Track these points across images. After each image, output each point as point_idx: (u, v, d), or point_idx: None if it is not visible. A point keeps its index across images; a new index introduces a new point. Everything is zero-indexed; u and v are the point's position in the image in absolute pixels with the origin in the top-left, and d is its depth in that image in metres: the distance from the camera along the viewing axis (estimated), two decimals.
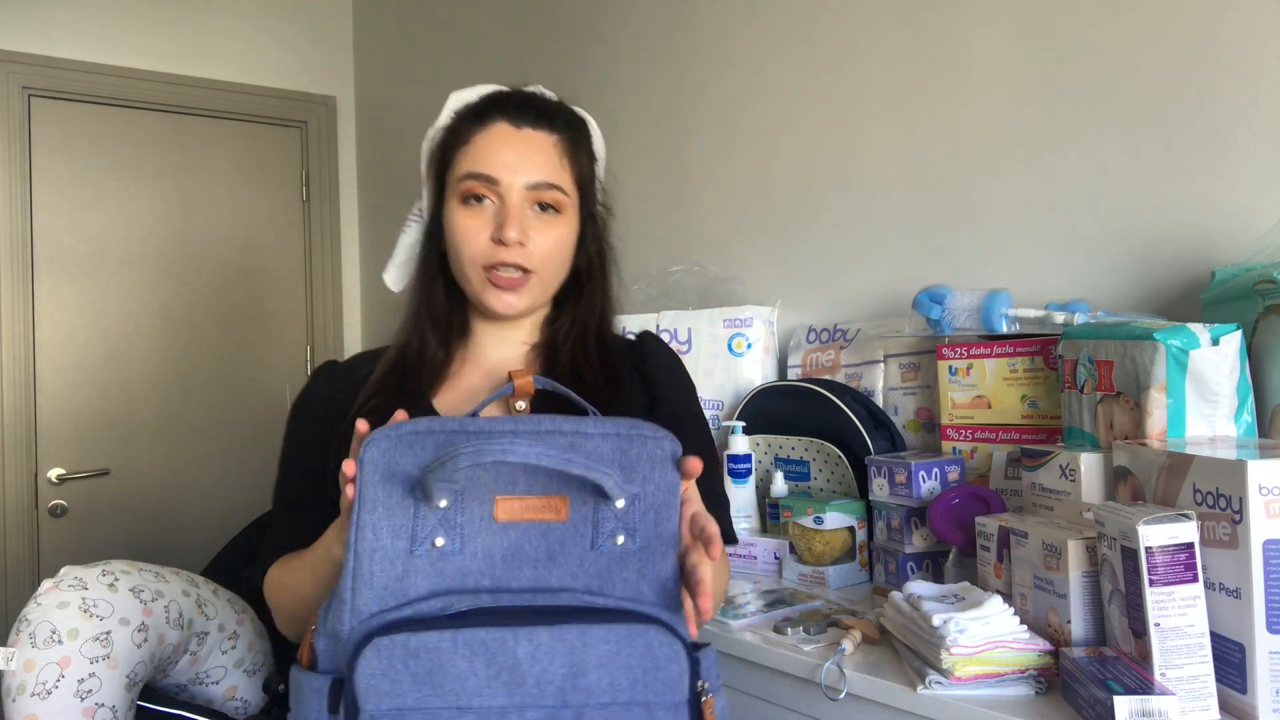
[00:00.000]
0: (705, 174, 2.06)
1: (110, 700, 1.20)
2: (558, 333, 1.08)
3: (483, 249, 0.99)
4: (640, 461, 0.73)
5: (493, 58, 2.63)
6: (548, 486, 0.72)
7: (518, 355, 1.08)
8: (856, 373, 1.67)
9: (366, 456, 0.70)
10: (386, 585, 0.69)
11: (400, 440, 0.71)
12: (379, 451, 0.70)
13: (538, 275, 1.01)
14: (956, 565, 1.23)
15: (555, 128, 1.02)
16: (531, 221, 0.99)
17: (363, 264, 3.22)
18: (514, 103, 1.03)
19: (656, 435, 0.74)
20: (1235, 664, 0.84)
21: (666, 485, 0.73)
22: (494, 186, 0.99)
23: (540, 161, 1.00)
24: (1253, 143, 1.26)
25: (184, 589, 1.36)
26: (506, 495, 0.71)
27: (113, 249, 2.73)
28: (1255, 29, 1.26)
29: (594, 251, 1.08)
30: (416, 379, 1.03)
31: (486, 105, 1.03)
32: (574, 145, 1.04)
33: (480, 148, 1.00)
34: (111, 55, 2.72)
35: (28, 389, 2.58)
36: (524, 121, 1.01)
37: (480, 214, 0.99)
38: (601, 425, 0.73)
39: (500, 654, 0.66)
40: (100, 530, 2.67)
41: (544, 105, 1.04)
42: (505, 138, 1.00)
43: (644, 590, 0.72)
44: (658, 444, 0.73)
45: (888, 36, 1.70)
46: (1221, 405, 1.03)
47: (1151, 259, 1.37)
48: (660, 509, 0.73)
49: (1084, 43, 1.43)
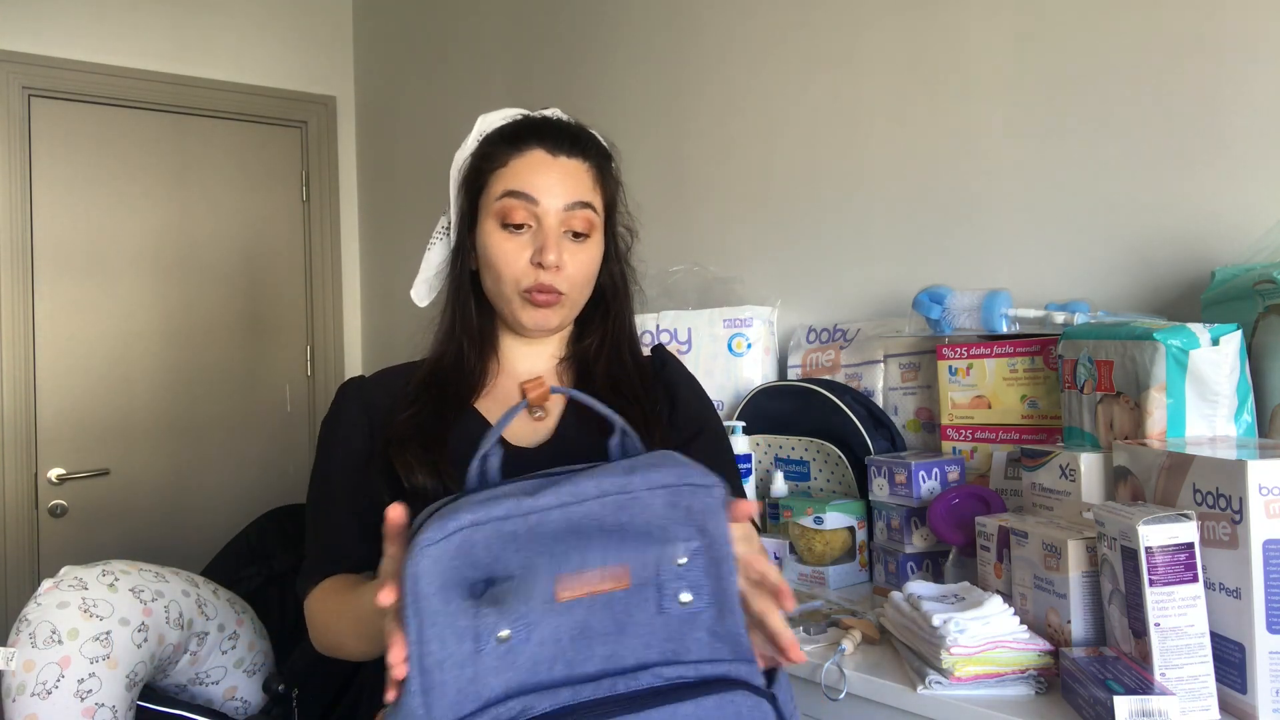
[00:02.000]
0: (705, 174, 2.06)
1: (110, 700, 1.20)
2: (588, 350, 1.12)
3: (523, 271, 1.02)
4: (695, 512, 0.70)
5: (493, 58, 2.63)
6: (605, 555, 0.69)
7: (548, 368, 1.11)
8: (856, 373, 1.67)
9: (420, 570, 0.65)
10: (460, 690, 0.66)
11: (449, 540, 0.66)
12: (430, 561, 0.65)
13: (568, 296, 1.05)
14: (956, 565, 1.23)
15: (588, 155, 1.06)
16: (567, 245, 1.03)
17: (363, 264, 3.22)
18: (549, 130, 1.06)
19: (706, 482, 0.70)
20: (1235, 664, 0.84)
21: (724, 534, 0.70)
22: (533, 207, 1.02)
23: (575, 186, 1.04)
24: (1253, 143, 1.26)
25: (184, 589, 1.36)
26: (566, 573, 0.68)
27: (113, 249, 2.73)
28: (1255, 29, 1.26)
29: (617, 272, 1.14)
30: (457, 387, 1.05)
31: (523, 131, 1.06)
32: (603, 171, 1.08)
33: (518, 171, 1.03)
34: (111, 55, 2.72)
35: (28, 389, 2.58)
36: (559, 149, 1.04)
37: (519, 237, 1.02)
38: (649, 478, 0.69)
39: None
40: (100, 530, 2.67)
41: (578, 134, 1.08)
42: (542, 164, 1.03)
43: (720, 649, 0.70)
44: (708, 492, 0.70)
45: (888, 36, 1.70)
46: (1221, 405, 1.03)
47: (1151, 259, 1.37)
48: (722, 561, 0.70)
49: (1084, 43, 1.43)
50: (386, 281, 3.09)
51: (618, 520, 0.69)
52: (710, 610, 0.70)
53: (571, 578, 0.68)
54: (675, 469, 0.71)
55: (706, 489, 0.70)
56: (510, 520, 0.67)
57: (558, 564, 0.68)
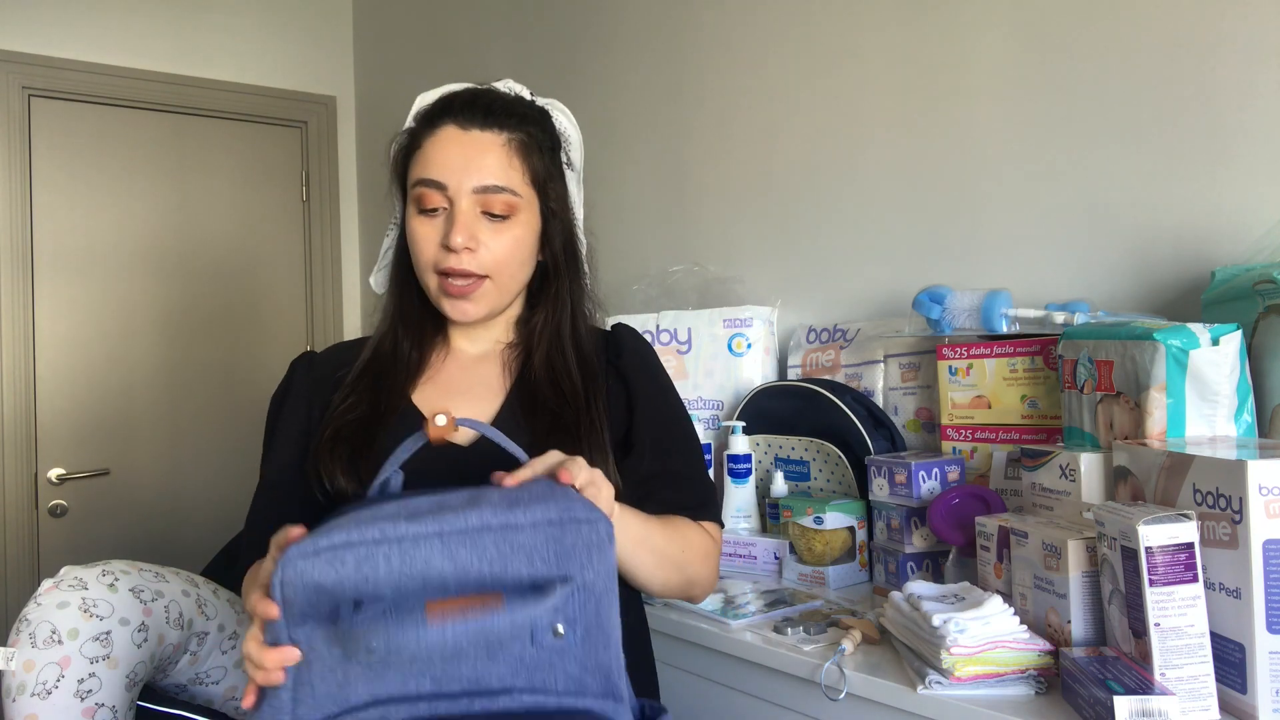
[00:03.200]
0: (705, 174, 2.06)
1: (110, 700, 1.20)
2: (531, 333, 1.08)
3: (433, 256, 1.00)
4: (576, 549, 0.70)
5: (492, 57, 2.63)
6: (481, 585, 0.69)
7: (493, 352, 1.09)
8: (856, 373, 1.67)
9: (286, 577, 0.67)
10: (328, 693, 0.68)
11: (319, 556, 0.68)
12: (295, 573, 0.67)
13: (493, 280, 1.01)
14: (956, 565, 1.23)
15: (505, 126, 1.01)
16: (483, 225, 0.99)
17: (363, 264, 3.22)
18: (461, 103, 1.02)
19: (591, 518, 0.71)
20: (1235, 664, 0.84)
21: (605, 571, 0.71)
22: (443, 191, 0.99)
23: (488, 164, 0.99)
24: (1253, 143, 1.26)
25: (184, 589, 1.36)
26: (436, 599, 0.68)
27: (113, 249, 2.73)
28: (1255, 29, 1.26)
29: (559, 247, 1.07)
30: (393, 377, 1.04)
31: (437, 109, 1.03)
32: (525, 143, 1.02)
33: (429, 153, 1.00)
34: (111, 55, 2.72)
35: (28, 389, 2.58)
36: (471, 123, 1.00)
37: (433, 221, 1.00)
38: (533, 511, 0.70)
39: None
40: (100, 530, 2.67)
41: (492, 104, 1.02)
42: (452, 141, 0.99)
43: (587, 682, 0.71)
44: (593, 528, 0.71)
45: (887, 36, 1.70)
46: (1221, 405, 1.03)
47: (1151, 259, 1.37)
48: (601, 596, 0.71)
49: (1084, 43, 1.43)
50: None
51: (497, 552, 0.69)
52: (583, 645, 0.70)
53: (442, 601, 0.68)
54: (560, 503, 0.71)
55: (591, 524, 0.71)
56: (383, 544, 0.68)
57: (430, 590, 0.68)
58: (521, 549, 0.70)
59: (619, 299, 2.04)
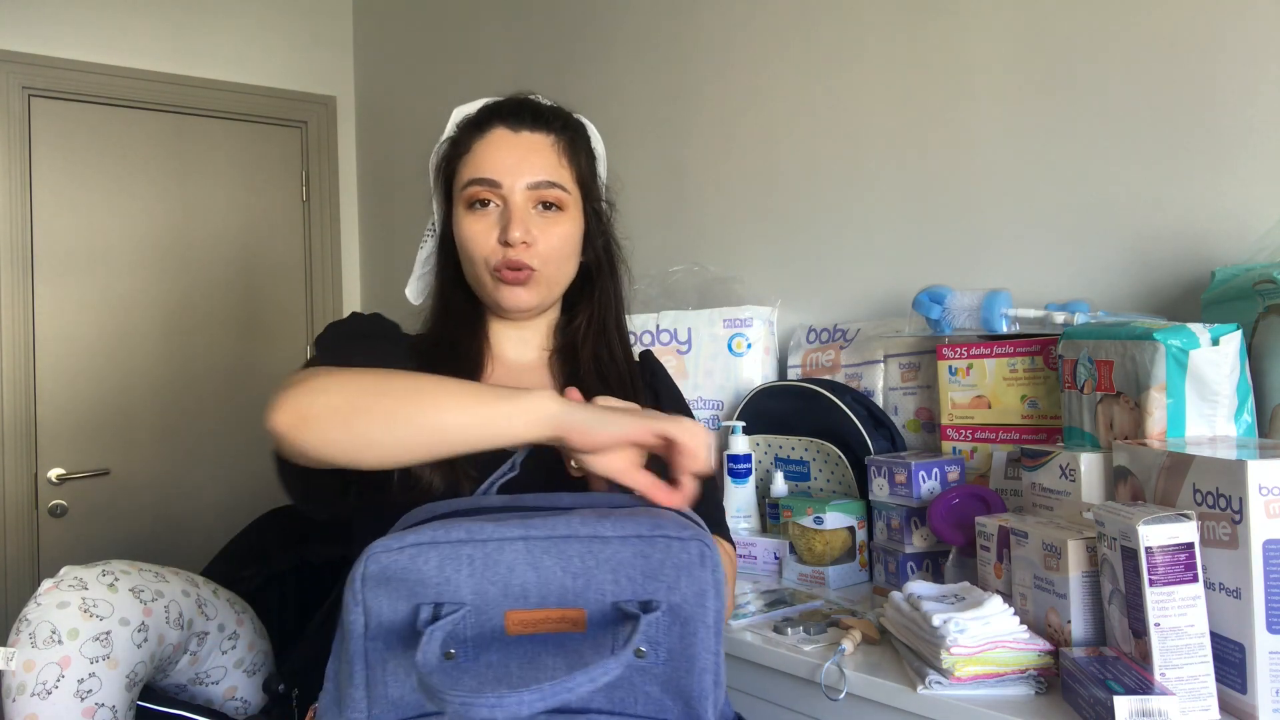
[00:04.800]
0: (705, 174, 2.06)
1: (110, 700, 1.20)
2: (575, 333, 1.10)
3: (491, 250, 1.01)
4: (665, 568, 0.67)
5: (492, 57, 2.63)
6: (563, 598, 0.67)
7: (538, 360, 1.10)
8: (856, 373, 1.67)
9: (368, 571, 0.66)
10: (402, 696, 0.67)
11: (403, 552, 0.67)
12: (379, 567, 0.66)
13: (542, 272, 1.03)
14: (956, 565, 1.23)
15: (552, 129, 1.04)
16: (535, 221, 1.01)
17: (363, 264, 3.22)
18: (509, 107, 1.05)
19: (682, 535, 0.68)
20: (1235, 664, 0.84)
21: (695, 592, 0.67)
22: (497, 190, 1.01)
23: (539, 162, 1.02)
24: (1253, 143, 1.26)
25: (184, 589, 1.36)
26: (518, 609, 0.67)
27: (113, 249, 2.73)
28: (1255, 29, 1.26)
29: (601, 248, 1.10)
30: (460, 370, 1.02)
31: (484, 114, 1.06)
32: (572, 144, 1.05)
33: (480, 154, 1.02)
34: (111, 55, 2.72)
35: (28, 389, 2.58)
36: (521, 125, 1.03)
37: (486, 218, 1.01)
38: (622, 526, 0.68)
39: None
40: (100, 530, 2.67)
41: (539, 108, 1.06)
42: (504, 141, 1.02)
43: (667, 705, 0.68)
44: (684, 547, 0.68)
45: (888, 37, 1.70)
46: (1221, 405, 1.02)
47: (1151, 259, 1.37)
48: (687, 621, 0.67)
49: (1084, 43, 1.43)
50: (386, 281, 3.09)
51: (583, 564, 0.67)
52: (665, 667, 0.68)
53: (523, 614, 0.67)
54: (651, 520, 0.69)
55: (681, 543, 0.68)
56: (467, 544, 0.67)
57: (510, 599, 0.67)
58: (608, 563, 0.67)
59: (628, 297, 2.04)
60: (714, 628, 0.68)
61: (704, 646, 0.68)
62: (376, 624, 0.67)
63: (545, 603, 0.67)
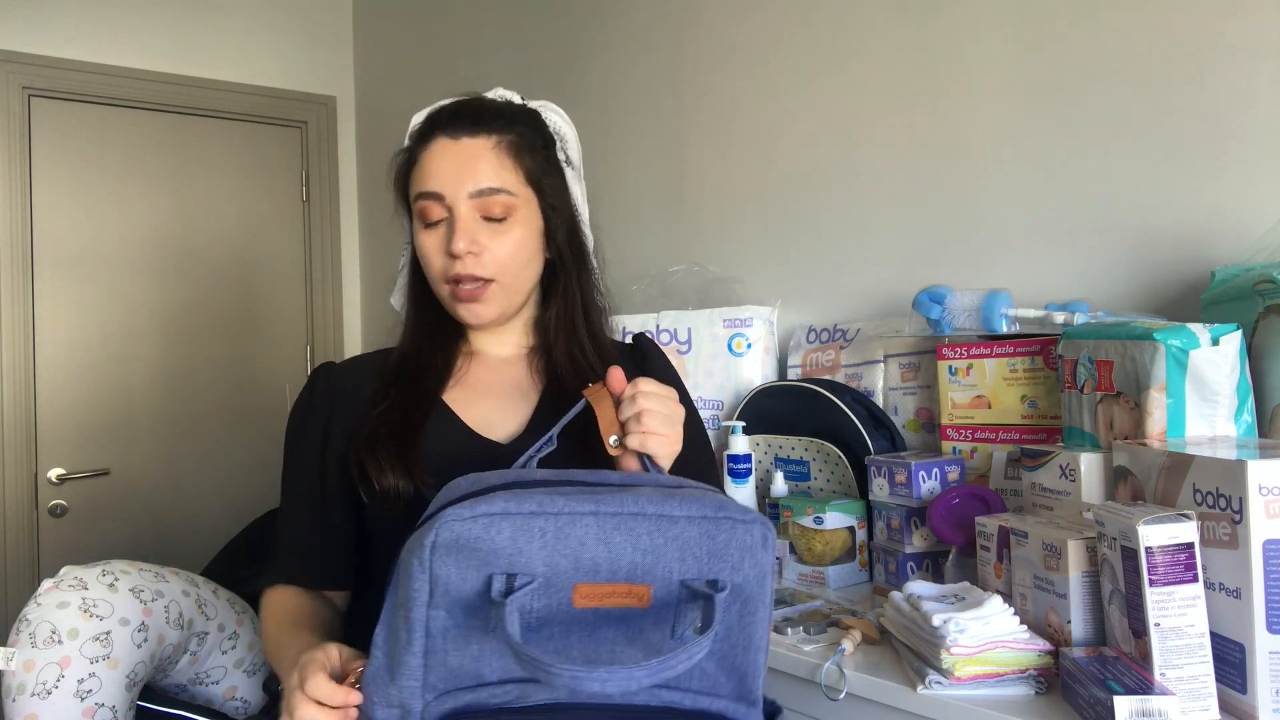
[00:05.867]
0: (705, 174, 2.06)
1: (110, 700, 1.20)
2: (546, 328, 1.09)
3: (441, 266, 1.02)
4: (730, 549, 0.69)
5: (492, 57, 2.63)
6: (631, 574, 0.68)
7: (518, 356, 1.10)
8: (856, 373, 1.67)
9: (441, 539, 0.67)
10: (461, 665, 0.67)
11: (476, 521, 0.67)
12: (452, 535, 0.67)
13: (499, 282, 1.02)
14: (956, 565, 1.23)
15: (493, 129, 1.02)
16: (482, 230, 1.01)
17: (363, 264, 3.22)
18: (448, 114, 1.04)
19: (746, 519, 0.70)
20: (1235, 664, 0.84)
21: (757, 574, 0.70)
22: (441, 201, 1.01)
23: (480, 168, 1.00)
24: (1253, 143, 1.26)
25: (184, 589, 1.36)
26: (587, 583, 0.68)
27: (113, 249, 2.73)
28: (1255, 29, 1.26)
29: (564, 241, 1.08)
30: (422, 381, 1.05)
31: (427, 124, 1.06)
32: (516, 143, 1.03)
33: (425, 166, 1.03)
34: (111, 55, 2.71)
35: (28, 389, 2.58)
36: (460, 131, 1.02)
37: (436, 233, 1.02)
38: (688, 506, 0.69)
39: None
40: (100, 530, 2.67)
41: (478, 110, 1.04)
42: (445, 151, 1.02)
43: (721, 682, 0.69)
44: (748, 529, 0.69)
45: (887, 36, 1.70)
46: (1221, 405, 1.02)
47: (1151, 259, 1.37)
48: (747, 601, 0.69)
49: (1084, 43, 1.43)
50: (386, 281, 3.08)
51: (651, 542, 0.68)
52: (723, 644, 0.69)
53: (592, 587, 0.67)
54: (715, 502, 0.70)
55: (745, 525, 0.70)
56: (539, 517, 0.67)
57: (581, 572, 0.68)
58: (675, 541, 0.68)
59: (619, 299, 2.03)
60: (770, 609, 0.72)
61: (761, 626, 0.70)
62: (443, 592, 0.67)
63: (615, 578, 0.68)
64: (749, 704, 0.70)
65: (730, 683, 0.70)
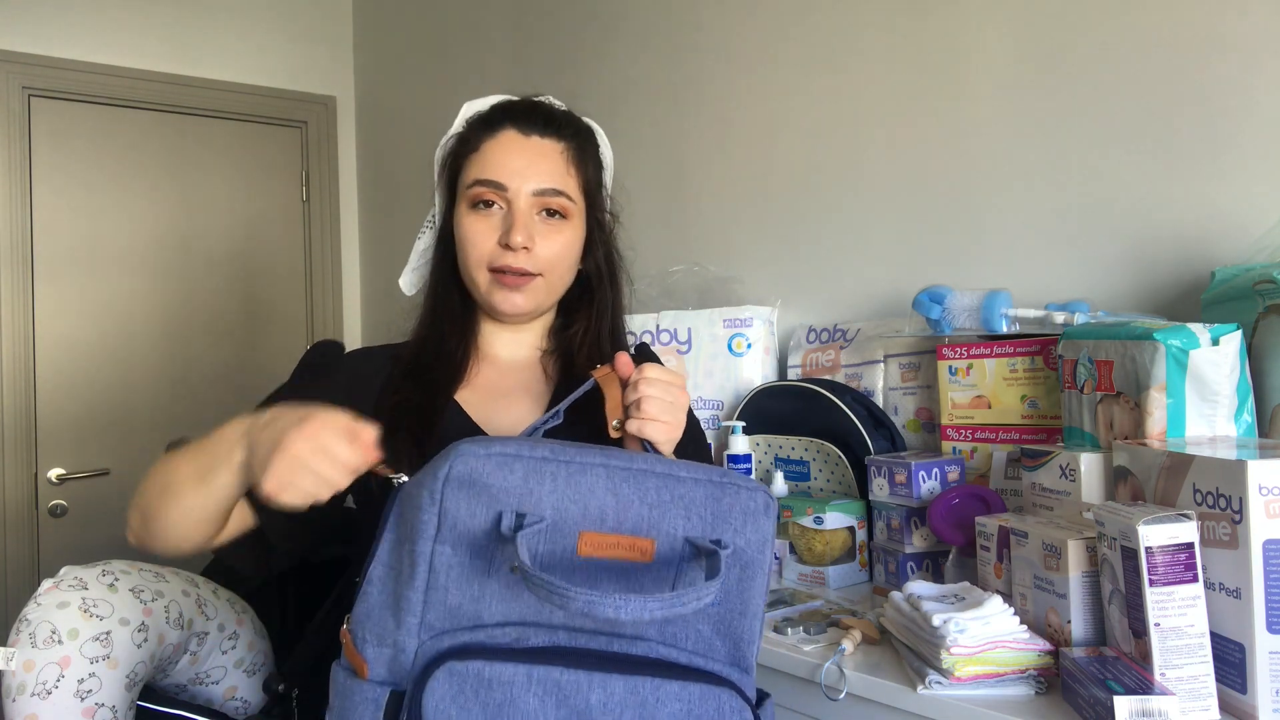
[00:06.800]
0: (705, 174, 2.06)
1: (110, 700, 1.20)
2: (572, 339, 1.10)
3: (490, 252, 1.01)
4: (733, 513, 0.71)
5: (492, 57, 2.63)
6: (637, 526, 0.69)
7: (531, 359, 1.10)
8: (856, 373, 1.67)
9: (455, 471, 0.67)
10: (461, 605, 0.68)
11: (490, 459, 0.68)
12: (466, 468, 0.68)
13: (544, 279, 1.03)
14: (956, 565, 1.23)
15: (562, 135, 1.04)
16: (538, 227, 1.01)
17: (363, 264, 3.22)
18: (521, 110, 1.05)
19: (750, 487, 0.72)
20: (1235, 664, 0.84)
21: (758, 540, 0.71)
22: (502, 193, 1.01)
23: (547, 168, 1.02)
24: (1253, 143, 1.26)
25: (184, 589, 1.36)
26: (593, 531, 0.69)
27: (113, 249, 2.73)
28: (1255, 29, 1.26)
29: (601, 258, 1.10)
30: (440, 375, 1.04)
31: (496, 113, 1.06)
32: (580, 153, 1.05)
33: (489, 155, 1.02)
34: (111, 55, 2.71)
35: (28, 389, 2.58)
36: (532, 129, 1.03)
37: (489, 218, 1.01)
38: (694, 470, 0.71)
39: (573, 698, 0.65)
40: (100, 530, 2.67)
41: (551, 113, 1.06)
42: (513, 145, 1.02)
43: (716, 645, 0.71)
44: (751, 495, 0.71)
45: (887, 36, 1.70)
46: (1221, 405, 1.02)
47: (1151, 259, 1.37)
48: (747, 565, 0.71)
49: (1083, 43, 1.43)
50: (386, 281, 3.09)
51: (659, 497, 0.70)
52: (720, 608, 0.71)
53: (598, 536, 0.69)
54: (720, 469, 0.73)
55: (749, 491, 0.72)
56: (551, 462, 0.69)
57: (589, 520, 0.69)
58: (681, 500, 0.70)
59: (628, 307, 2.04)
60: (768, 577, 0.73)
61: (758, 594, 0.72)
62: (450, 527, 0.67)
63: (621, 529, 0.69)
64: (743, 670, 0.71)
65: (725, 647, 0.71)
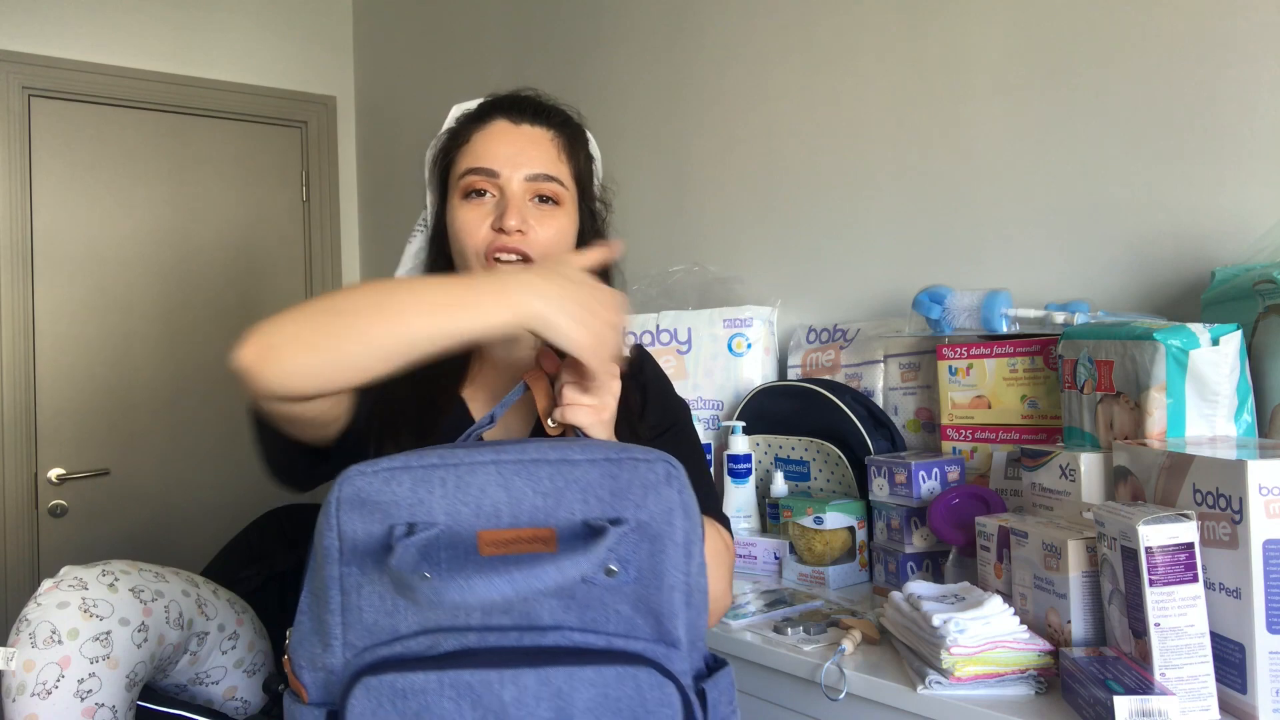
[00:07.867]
0: (705, 174, 2.06)
1: (110, 700, 1.20)
2: None
3: (484, 238, 1.01)
4: (632, 487, 0.70)
5: (492, 58, 2.63)
6: (534, 517, 0.69)
7: (529, 357, 1.10)
8: (856, 373, 1.67)
9: (344, 494, 0.68)
10: (377, 621, 0.69)
11: (376, 475, 0.69)
12: (354, 489, 0.68)
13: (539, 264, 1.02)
14: (956, 565, 1.23)
15: (552, 124, 1.05)
16: (532, 212, 1.01)
17: (363, 264, 3.22)
18: (510, 100, 1.05)
19: (649, 458, 0.71)
20: (1235, 664, 0.84)
21: (662, 510, 0.70)
22: (494, 179, 1.01)
23: (538, 155, 1.02)
24: (1253, 143, 1.26)
25: (184, 589, 1.36)
26: (489, 529, 0.69)
27: (113, 249, 2.73)
28: (1256, 29, 1.26)
29: None
30: (445, 371, 1.04)
31: (485, 107, 1.06)
32: (571, 142, 1.05)
33: (480, 144, 1.02)
34: (111, 55, 2.72)
35: (28, 389, 2.58)
36: (522, 118, 1.03)
37: (481, 206, 1.01)
38: (589, 450, 0.70)
39: (486, 697, 0.65)
40: (100, 530, 2.67)
41: (541, 103, 1.06)
42: (504, 133, 1.02)
43: (638, 624, 0.70)
44: (650, 467, 0.70)
45: (888, 36, 1.70)
46: (1221, 405, 1.03)
47: (1151, 259, 1.37)
48: (655, 538, 0.70)
49: (1083, 43, 1.43)
50: None
51: (552, 485, 0.70)
52: (635, 585, 0.70)
53: (495, 534, 0.69)
54: (620, 446, 0.72)
55: (648, 464, 0.71)
56: (440, 468, 0.69)
57: (482, 519, 0.69)
58: (576, 483, 0.69)
59: None
60: (683, 547, 0.70)
61: (672, 564, 0.70)
62: (351, 547, 0.68)
63: (517, 522, 0.69)
64: (668, 644, 0.70)
65: (648, 624, 0.70)
